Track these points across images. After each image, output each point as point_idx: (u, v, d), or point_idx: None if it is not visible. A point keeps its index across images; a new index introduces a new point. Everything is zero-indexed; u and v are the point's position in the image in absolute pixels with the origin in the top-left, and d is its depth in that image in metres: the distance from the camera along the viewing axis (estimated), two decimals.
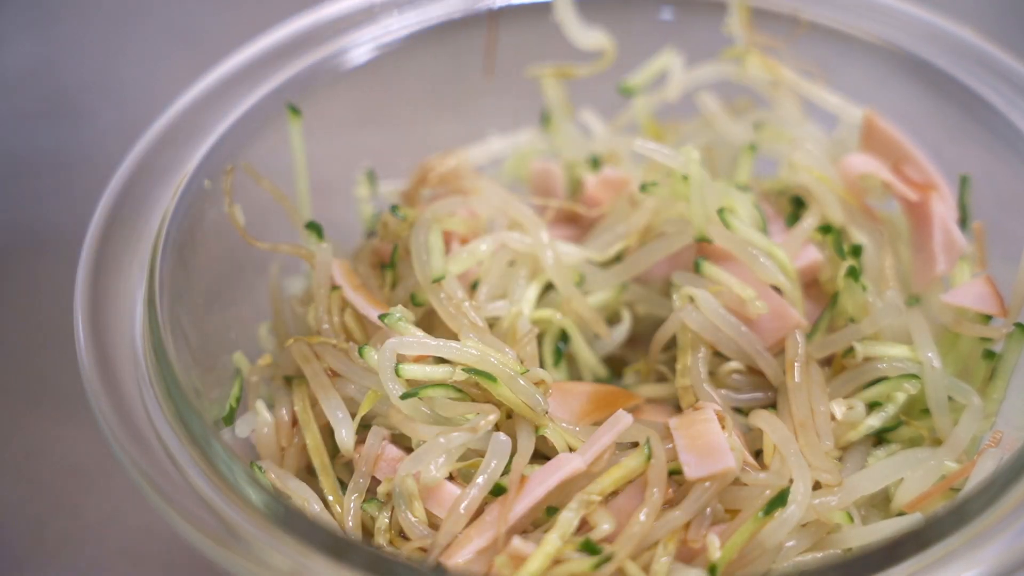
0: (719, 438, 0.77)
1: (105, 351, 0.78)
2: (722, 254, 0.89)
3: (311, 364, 0.84)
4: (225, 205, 0.87)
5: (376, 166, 1.05)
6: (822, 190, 0.93)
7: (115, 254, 0.84)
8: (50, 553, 1.00)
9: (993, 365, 0.87)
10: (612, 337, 0.93)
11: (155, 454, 0.73)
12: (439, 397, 0.79)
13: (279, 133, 0.96)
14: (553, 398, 0.83)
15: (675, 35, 1.05)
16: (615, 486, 0.76)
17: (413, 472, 0.77)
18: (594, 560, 0.72)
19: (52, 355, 1.16)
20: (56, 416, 1.11)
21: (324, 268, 0.88)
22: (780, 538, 0.75)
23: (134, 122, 0.97)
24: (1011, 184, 0.94)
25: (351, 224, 1.04)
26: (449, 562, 0.73)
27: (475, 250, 0.89)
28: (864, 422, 0.84)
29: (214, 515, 0.71)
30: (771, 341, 0.86)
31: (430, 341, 0.80)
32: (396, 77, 1.05)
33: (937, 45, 0.99)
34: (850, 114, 1.00)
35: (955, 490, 0.81)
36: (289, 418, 0.85)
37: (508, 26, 1.06)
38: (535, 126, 1.08)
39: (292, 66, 0.99)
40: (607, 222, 0.95)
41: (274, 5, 1.13)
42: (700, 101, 1.03)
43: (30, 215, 1.32)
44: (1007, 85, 0.95)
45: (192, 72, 0.96)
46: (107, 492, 1.04)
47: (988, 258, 0.94)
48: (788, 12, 1.03)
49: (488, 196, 0.92)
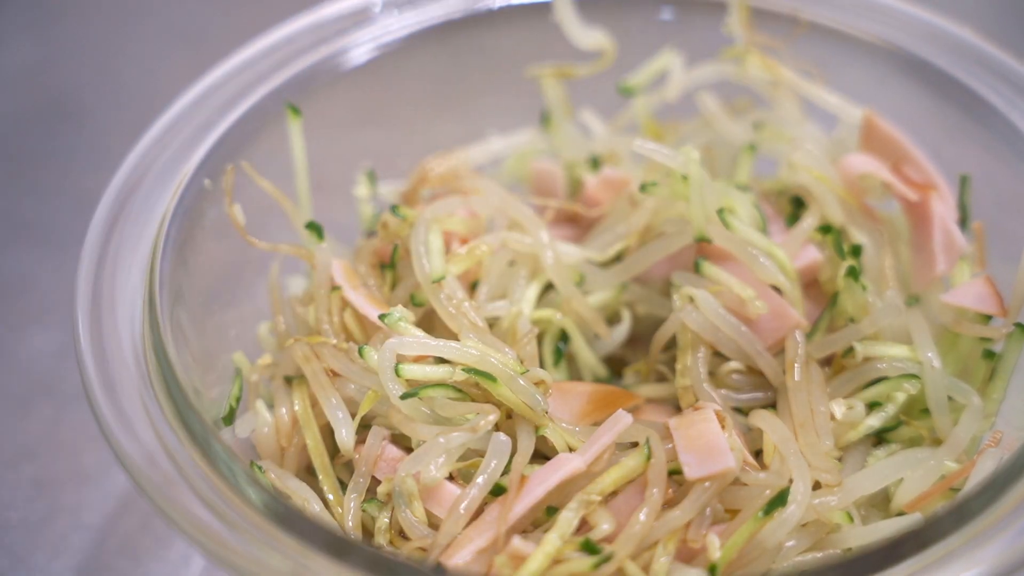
0: (719, 438, 0.77)
1: (105, 351, 0.78)
2: (722, 254, 0.89)
3: (311, 364, 0.84)
4: (225, 205, 0.87)
5: (376, 166, 1.05)
6: (822, 190, 0.93)
7: (115, 254, 0.84)
8: (50, 553, 1.00)
9: (993, 365, 0.87)
10: (612, 337, 0.93)
11: (155, 454, 0.73)
12: (439, 397, 0.79)
13: (279, 133, 0.96)
14: (553, 398, 0.83)
15: (675, 35, 1.05)
16: (615, 486, 0.76)
17: (413, 472, 0.77)
18: (594, 560, 0.72)
19: (53, 355, 1.17)
20: (56, 417, 1.11)
21: (324, 268, 0.88)
22: (780, 538, 0.75)
23: (134, 122, 0.97)
24: (1011, 184, 0.94)
25: (351, 224, 1.04)
26: (449, 562, 0.73)
27: (475, 250, 0.89)
28: (864, 422, 0.84)
29: (214, 515, 0.71)
30: (771, 341, 0.86)
31: (430, 341, 0.80)
32: (396, 77, 1.05)
33: (937, 45, 0.99)
34: (850, 114, 1.00)
35: (955, 490, 0.81)
36: (289, 418, 0.85)
37: (508, 26, 1.06)
38: (535, 126, 1.08)
39: (292, 66, 0.99)
40: (607, 222, 0.95)
41: (274, 5, 1.13)
42: (700, 101, 1.03)
43: (30, 215, 1.32)
44: (1007, 85, 0.95)
45: (192, 72, 0.96)
46: (107, 492, 1.04)
47: (988, 258, 0.94)
48: (788, 12, 1.03)
49: (488, 196, 0.92)
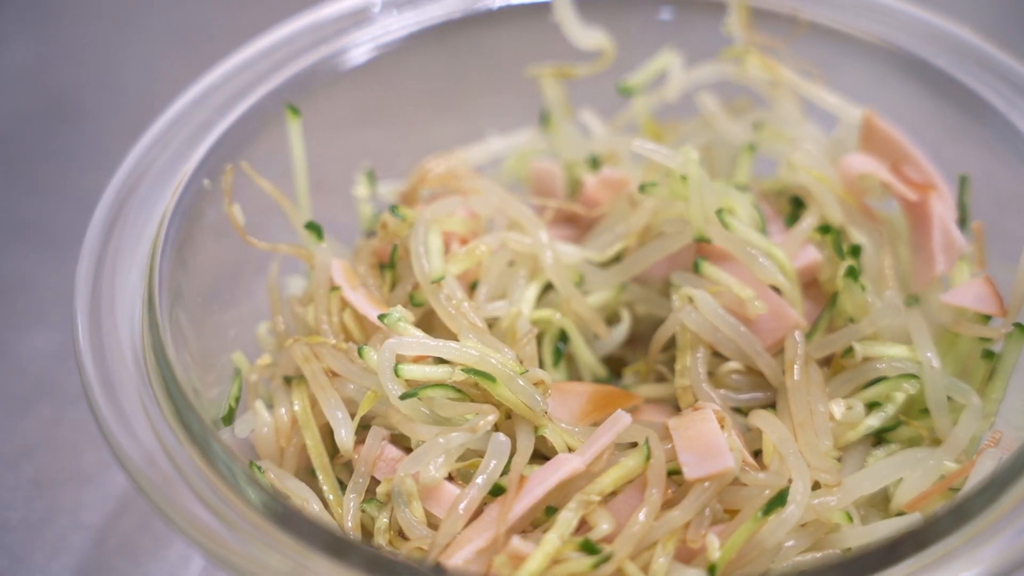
0: (718, 438, 0.77)
1: (105, 351, 0.78)
2: (721, 254, 0.89)
3: (311, 364, 0.84)
4: (224, 205, 0.87)
5: (376, 166, 1.05)
6: (821, 190, 0.93)
7: (115, 254, 0.84)
8: (50, 553, 1.00)
9: (992, 365, 0.87)
10: (611, 337, 0.93)
11: (154, 454, 0.73)
12: (438, 397, 0.79)
13: (279, 133, 0.96)
14: (552, 398, 0.83)
15: (675, 35, 1.05)
16: (614, 486, 0.76)
17: (412, 472, 0.77)
18: (593, 560, 0.72)
19: (53, 355, 1.17)
20: (56, 417, 1.11)
21: (324, 268, 0.88)
22: (779, 538, 0.75)
23: (134, 122, 0.97)
24: (1011, 184, 0.94)
25: (350, 224, 1.04)
26: (448, 562, 0.73)
27: (474, 250, 0.89)
28: (863, 422, 0.84)
29: (214, 515, 0.71)
30: (770, 341, 0.86)
31: (429, 341, 0.80)
32: (396, 77, 1.05)
33: (937, 45, 0.99)
34: (849, 114, 1.00)
35: (954, 490, 0.81)
36: (288, 418, 0.85)
37: (508, 26, 1.06)
38: (535, 126, 1.08)
39: (292, 66, 0.99)
40: (606, 222, 0.95)
41: (274, 5, 1.13)
42: (699, 101, 1.03)
43: (30, 215, 1.32)
44: (1007, 85, 0.95)
45: (192, 72, 0.96)
46: (107, 492, 1.04)
47: (987, 258, 0.94)
48: (788, 12, 1.03)
49: (488, 196, 0.92)
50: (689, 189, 0.87)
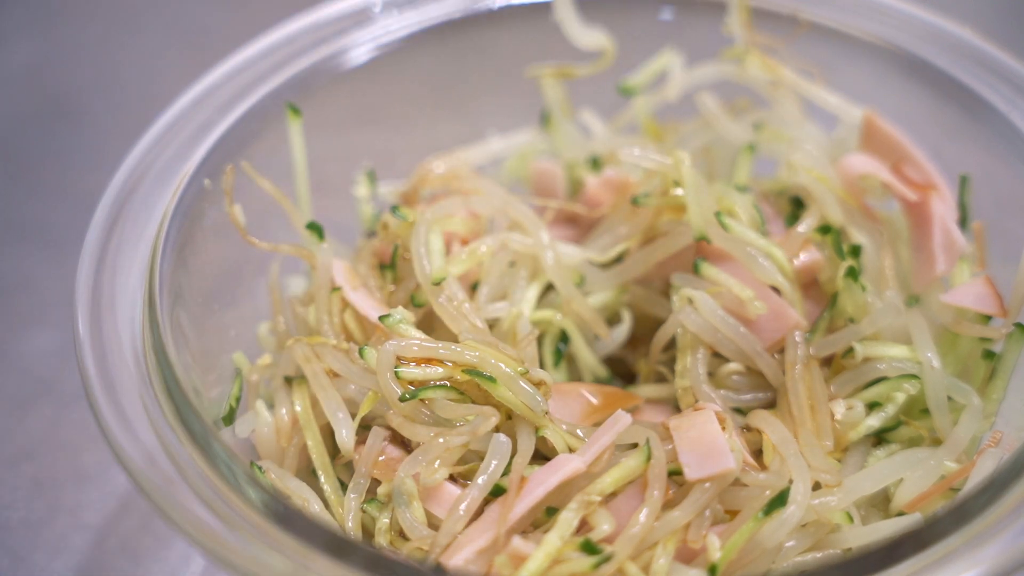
0: (719, 439, 0.77)
1: (105, 351, 0.78)
2: (722, 255, 0.89)
3: (311, 364, 0.84)
4: (225, 205, 0.87)
5: (376, 166, 1.05)
6: (821, 190, 0.92)
7: (115, 254, 0.84)
8: (50, 553, 1.00)
9: (993, 365, 0.87)
10: (612, 338, 0.93)
11: (155, 454, 0.73)
12: (439, 399, 0.79)
13: (279, 133, 0.96)
14: (553, 399, 0.83)
15: (675, 35, 1.05)
16: (615, 487, 0.76)
17: (413, 473, 0.77)
18: (594, 560, 0.72)
19: (53, 355, 1.17)
20: (56, 417, 1.11)
21: (324, 268, 0.88)
22: (780, 538, 0.75)
23: (134, 122, 0.97)
24: (1011, 184, 0.94)
25: (351, 224, 1.04)
26: (449, 562, 0.73)
27: (475, 251, 0.89)
28: (864, 422, 0.84)
29: (214, 515, 0.71)
30: (770, 342, 0.86)
31: (429, 343, 0.80)
32: (396, 77, 1.05)
33: (937, 45, 0.99)
34: (850, 114, 1.00)
35: (955, 490, 0.81)
36: (289, 418, 0.85)
37: (508, 26, 1.06)
38: (535, 126, 1.08)
39: (292, 66, 0.99)
40: (608, 223, 0.95)
41: (274, 5, 1.13)
42: (700, 101, 1.02)
43: (30, 215, 1.32)
44: (1007, 85, 0.95)
45: (192, 72, 0.96)
46: (107, 492, 1.04)
47: (988, 258, 0.94)
48: (788, 12, 1.03)
49: (488, 196, 0.92)
50: (686, 193, 0.87)
